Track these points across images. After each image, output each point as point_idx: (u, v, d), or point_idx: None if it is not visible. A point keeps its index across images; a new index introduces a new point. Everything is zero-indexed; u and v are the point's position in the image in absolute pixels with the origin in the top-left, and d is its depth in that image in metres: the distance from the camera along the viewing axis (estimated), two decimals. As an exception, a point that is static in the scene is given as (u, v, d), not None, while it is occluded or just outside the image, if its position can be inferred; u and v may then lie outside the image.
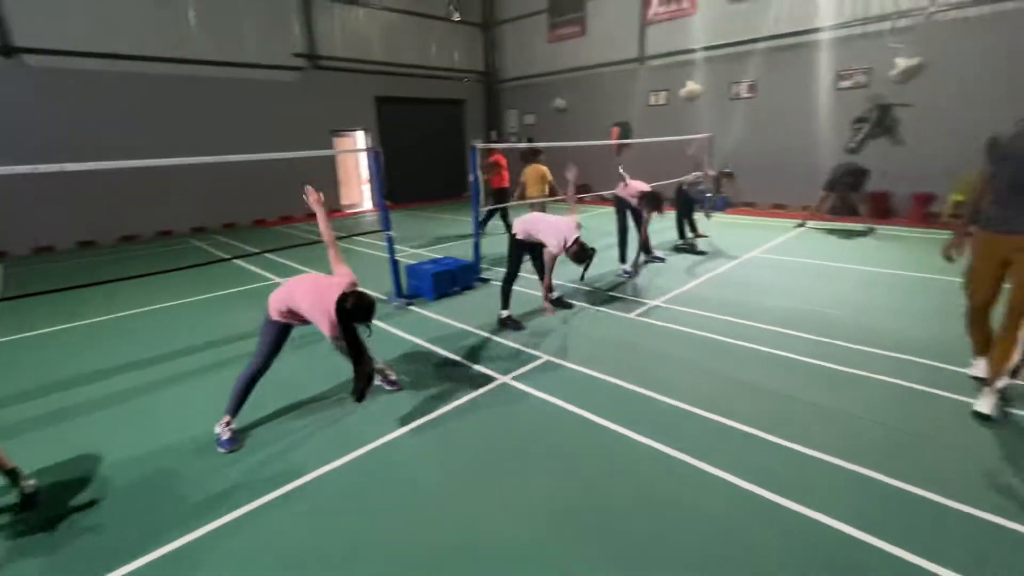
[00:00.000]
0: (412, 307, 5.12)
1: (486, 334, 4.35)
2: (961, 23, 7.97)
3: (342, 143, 12.83)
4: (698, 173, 7.22)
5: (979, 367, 3.15)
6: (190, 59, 9.98)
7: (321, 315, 2.75)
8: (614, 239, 6.32)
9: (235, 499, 2.42)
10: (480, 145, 5.82)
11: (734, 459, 2.56)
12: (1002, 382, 2.84)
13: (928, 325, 4.14)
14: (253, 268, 6.97)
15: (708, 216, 8.18)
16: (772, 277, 5.69)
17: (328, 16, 11.82)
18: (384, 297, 5.38)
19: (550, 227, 4.25)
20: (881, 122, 8.83)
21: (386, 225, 5.08)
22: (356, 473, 2.61)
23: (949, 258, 3.15)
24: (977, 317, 3.06)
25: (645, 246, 6.34)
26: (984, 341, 3.06)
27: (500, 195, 8.53)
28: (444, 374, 3.66)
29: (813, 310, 4.57)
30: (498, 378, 3.53)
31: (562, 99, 13.45)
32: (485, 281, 5.88)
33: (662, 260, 6.55)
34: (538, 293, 5.10)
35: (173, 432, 3.03)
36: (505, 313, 4.53)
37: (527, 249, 4.53)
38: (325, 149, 11.65)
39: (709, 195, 7.83)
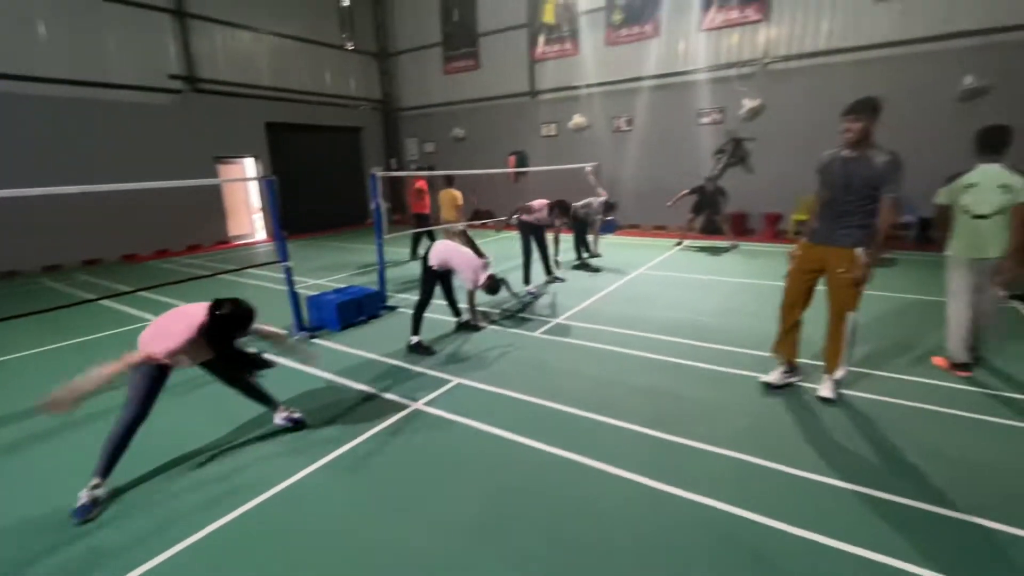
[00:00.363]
0: (316, 340, 4.92)
1: (396, 362, 4.31)
2: (789, 72, 9.50)
3: (228, 171, 12.01)
4: (591, 199, 7.76)
5: (773, 375, 3.57)
6: (41, 77, 8.83)
7: (185, 330, 2.59)
8: (518, 262, 6.58)
9: None
10: (380, 173, 5.80)
11: (634, 458, 2.79)
12: (839, 372, 3.39)
13: (773, 324, 4.81)
14: (125, 308, 6.24)
15: (596, 240, 8.66)
16: (657, 290, 6.27)
17: (207, 37, 11.12)
18: (283, 331, 5.10)
19: (464, 261, 4.45)
20: (735, 153, 10.17)
21: (283, 256, 4.86)
22: (257, 523, 2.45)
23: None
24: (785, 313, 3.52)
25: (546, 263, 6.70)
26: (786, 337, 3.52)
27: (421, 221, 8.61)
28: (354, 406, 3.56)
29: (691, 318, 5.12)
30: (410, 405, 3.52)
31: (460, 128, 13.79)
32: (392, 309, 5.81)
33: (562, 280, 6.92)
34: (448, 318, 5.16)
35: (30, 503, 2.63)
36: (415, 339, 4.52)
37: (440, 277, 4.61)
38: (208, 177, 10.83)
39: (606, 217, 8.43)
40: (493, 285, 4.54)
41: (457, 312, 5.06)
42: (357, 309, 5.35)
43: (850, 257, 3.14)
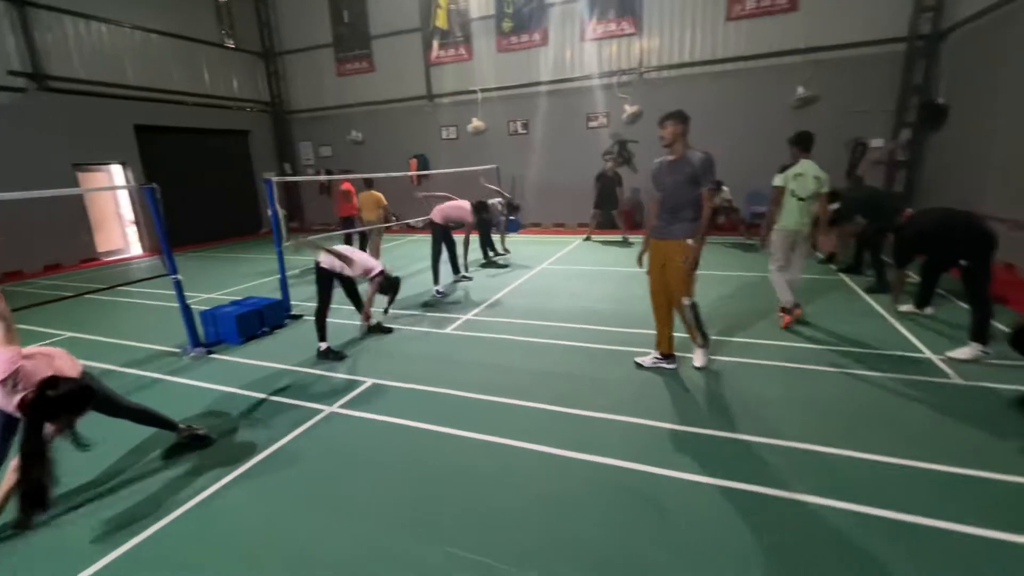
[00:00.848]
0: (214, 355, 4.65)
1: (307, 369, 4.22)
2: (662, 80, 10.50)
3: (91, 179, 10.68)
4: (493, 200, 8.03)
5: (646, 359, 3.99)
6: None
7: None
8: (426, 264, 6.66)
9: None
10: (276, 179, 5.58)
11: (542, 433, 3.06)
12: (700, 347, 3.93)
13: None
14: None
15: (504, 249, 8.93)
16: (559, 283, 6.69)
17: (56, 30, 9.79)
18: (177, 349, 4.77)
19: (357, 259, 4.42)
20: (621, 154, 11.06)
21: (172, 268, 4.54)
22: (165, 545, 2.36)
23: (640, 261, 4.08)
24: (653, 300, 3.97)
25: (453, 264, 6.87)
26: (662, 331, 3.95)
27: (347, 223, 8.42)
28: (264, 416, 3.47)
29: (589, 306, 5.56)
30: (324, 409, 3.50)
31: (358, 131, 13.44)
32: (297, 318, 5.63)
33: (470, 279, 7.11)
34: (355, 322, 5.12)
35: None
36: (324, 345, 4.46)
37: (335, 278, 4.55)
38: (66, 187, 9.55)
39: (508, 218, 8.76)
40: (386, 283, 4.57)
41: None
42: (259, 320, 5.12)
43: (684, 247, 3.64)
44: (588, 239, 10.03)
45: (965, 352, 3.79)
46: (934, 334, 4.26)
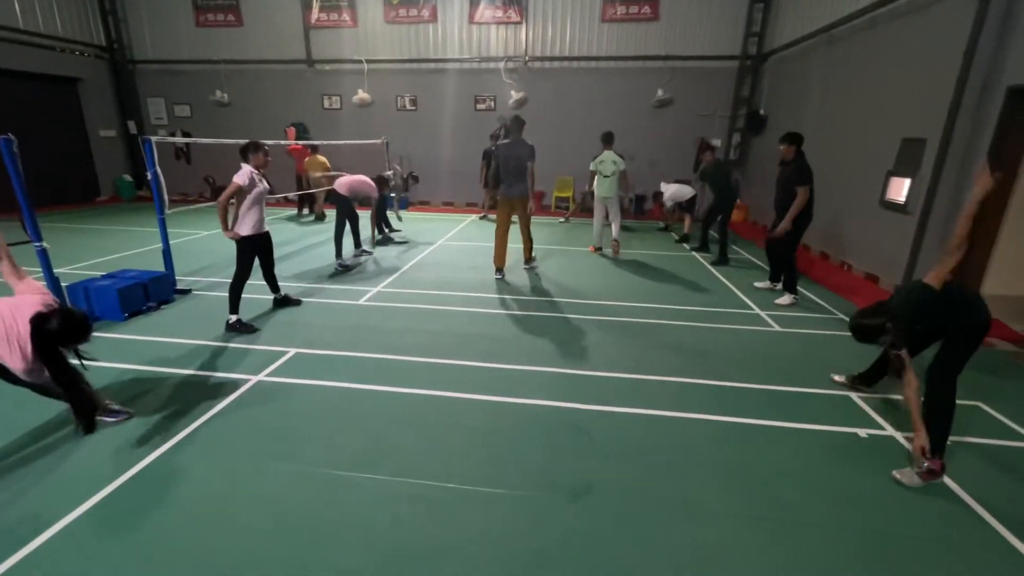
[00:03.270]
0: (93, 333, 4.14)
1: (217, 343, 4.01)
2: (545, 71, 11.15)
3: None
4: (389, 172, 7.98)
5: (498, 275, 6.00)
6: None
7: (8, 347, 2.27)
8: (323, 237, 6.47)
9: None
10: (155, 139, 4.99)
11: (477, 384, 3.41)
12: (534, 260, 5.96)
13: (548, 278, 6.05)
14: None
15: (399, 216, 8.99)
16: (460, 257, 6.99)
17: None
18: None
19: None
20: (507, 136, 11.54)
21: (35, 234, 3.91)
22: (94, 525, 2.28)
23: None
24: (498, 240, 5.95)
25: (356, 238, 6.77)
26: (500, 253, 5.98)
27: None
28: (184, 391, 3.30)
29: (491, 278, 5.97)
30: (251, 378, 3.44)
31: (223, 92, 12.03)
32: (185, 292, 5.17)
33: (370, 253, 7.06)
34: (264, 296, 4.91)
35: None
36: (234, 318, 4.25)
37: (259, 248, 4.36)
38: None
39: (401, 195, 8.74)
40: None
41: (275, 288, 4.85)
42: (144, 295, 4.64)
43: (525, 202, 5.89)
44: (484, 217, 10.39)
45: (785, 299, 5.17)
46: (760, 296, 5.47)
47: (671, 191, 8.51)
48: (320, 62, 11.69)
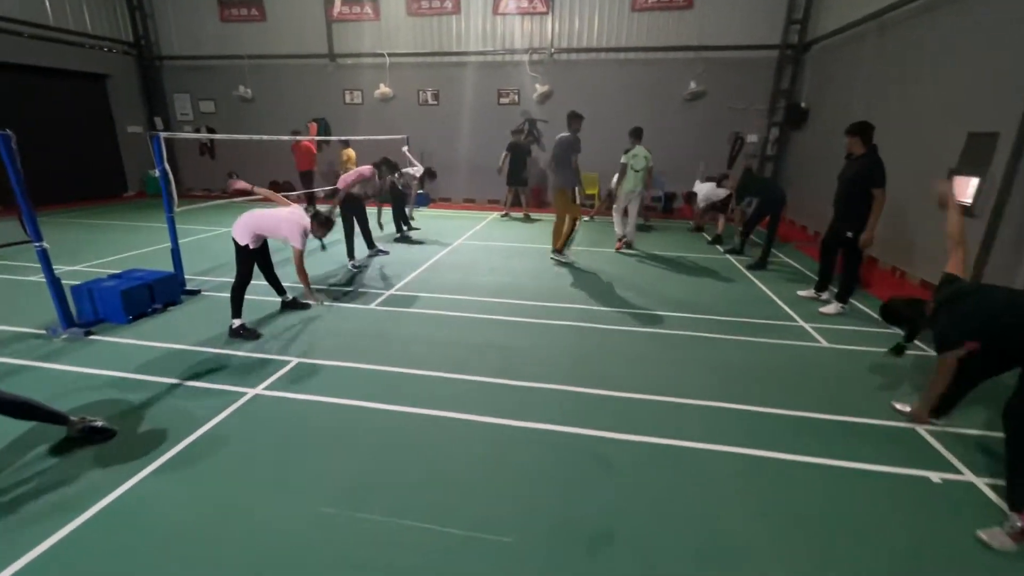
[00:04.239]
0: (94, 336, 4.01)
1: (218, 350, 3.81)
2: (571, 63, 10.72)
3: None
4: (407, 170, 7.73)
5: (562, 256, 6.58)
6: None
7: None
8: (335, 237, 6.26)
9: None
10: (165, 134, 4.83)
11: (488, 405, 3.10)
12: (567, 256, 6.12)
13: (574, 283, 5.69)
14: None
15: (411, 215, 8.63)
16: (479, 258, 6.69)
17: None
18: (42, 331, 4.04)
19: (279, 220, 4.06)
20: (531, 132, 11.19)
21: (35, 234, 3.77)
22: (79, 546, 2.06)
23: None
24: (561, 227, 6.50)
25: (367, 237, 6.55)
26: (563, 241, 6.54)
27: (306, 177, 9.98)
28: (178, 403, 3.09)
29: (511, 281, 5.65)
30: (248, 391, 3.21)
31: (247, 87, 12.00)
32: (194, 293, 5.02)
33: (386, 253, 6.83)
34: (270, 299, 4.71)
35: None
36: (237, 323, 4.05)
37: (256, 251, 4.15)
38: None
39: (418, 192, 8.49)
40: (325, 220, 4.40)
41: (281, 290, 4.65)
42: (149, 296, 4.49)
43: (567, 193, 6.50)
44: (507, 216, 10.07)
45: (832, 308, 4.75)
46: (799, 305, 5.00)
47: (704, 191, 8.02)
48: (342, 56, 11.54)
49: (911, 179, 5.77)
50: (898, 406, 3.09)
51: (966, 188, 5.02)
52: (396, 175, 7.69)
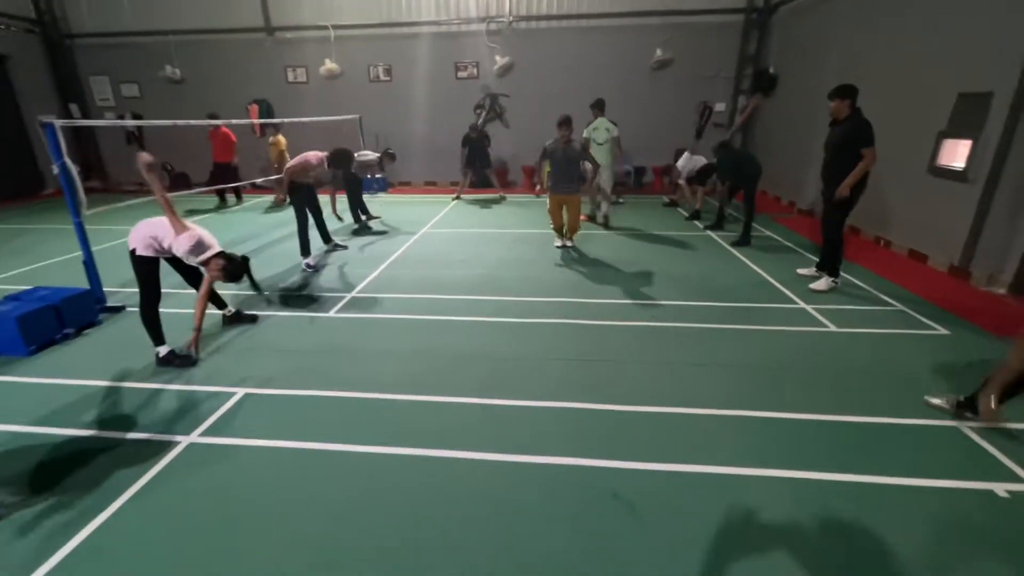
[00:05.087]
0: (-13, 376, 3.24)
1: (143, 384, 3.13)
2: (531, 32, 10.00)
3: None
4: (364, 153, 6.97)
5: (561, 241, 6.07)
6: None
7: None
8: (287, 231, 5.52)
9: None
10: (59, 123, 3.98)
11: (471, 435, 2.59)
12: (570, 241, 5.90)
13: (556, 270, 5.20)
14: None
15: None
16: (448, 248, 6.09)
17: None
18: (-83, 373, 3.24)
19: (172, 234, 3.24)
20: (492, 108, 10.48)
21: None
22: None
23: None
24: (557, 223, 5.90)
25: (323, 231, 5.83)
26: (560, 228, 5.96)
27: (223, 170, 8.97)
28: (84, 466, 2.43)
29: (486, 273, 5.10)
30: (178, 441, 2.58)
31: (174, 67, 10.71)
32: (116, 311, 4.24)
33: (345, 247, 6.13)
34: (210, 312, 3.99)
35: None
36: (163, 350, 3.35)
37: (160, 263, 3.38)
38: None
39: (378, 176, 7.75)
40: (231, 269, 3.23)
41: (220, 303, 3.95)
42: (56, 320, 3.71)
43: (578, 199, 5.78)
44: (458, 199, 9.42)
45: (822, 284, 4.47)
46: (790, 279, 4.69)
47: (680, 161, 7.63)
48: (280, 29, 10.40)
49: (895, 144, 5.50)
50: (934, 401, 2.76)
51: (958, 152, 4.76)
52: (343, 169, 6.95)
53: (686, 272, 5.08)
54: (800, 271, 4.93)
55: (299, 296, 4.59)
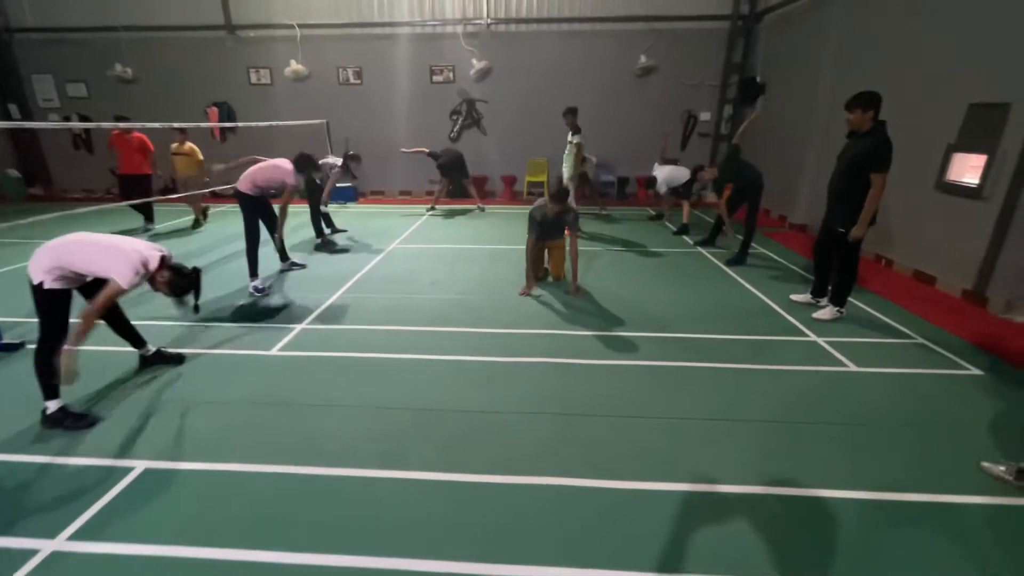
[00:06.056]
0: None
1: (18, 456, 2.44)
2: (511, 35, 9.48)
3: None
4: (327, 159, 6.32)
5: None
6: None
7: None
8: (234, 248, 4.84)
9: None
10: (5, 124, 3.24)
11: (426, 536, 1.99)
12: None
13: (538, 296, 4.64)
14: None
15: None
16: (418, 267, 5.47)
17: None
18: None
19: (108, 252, 2.60)
20: (470, 114, 9.93)
21: None
22: None
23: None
24: (534, 270, 4.76)
25: (279, 248, 5.15)
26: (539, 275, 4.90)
27: (132, 182, 7.17)
28: None
29: (461, 299, 4.51)
30: (39, 547, 1.91)
31: (125, 66, 9.85)
32: (14, 349, 3.51)
33: (303, 266, 5.46)
34: (114, 348, 3.30)
35: None
36: (54, 405, 2.66)
37: (66, 295, 2.71)
38: None
39: (347, 185, 7.09)
40: (178, 281, 2.69)
41: (138, 341, 3.27)
42: (-76, 366, 2.97)
43: (563, 242, 4.84)
44: (432, 209, 8.81)
45: (827, 313, 4.03)
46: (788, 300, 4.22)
47: (664, 174, 7.16)
48: (243, 28, 9.66)
49: (898, 158, 5.10)
50: (995, 470, 2.27)
51: (972, 168, 4.38)
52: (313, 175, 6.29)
53: (683, 297, 4.58)
54: (794, 297, 4.46)
55: (239, 328, 3.91)
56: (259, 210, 4.79)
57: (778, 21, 8.13)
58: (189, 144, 7.31)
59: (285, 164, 4.70)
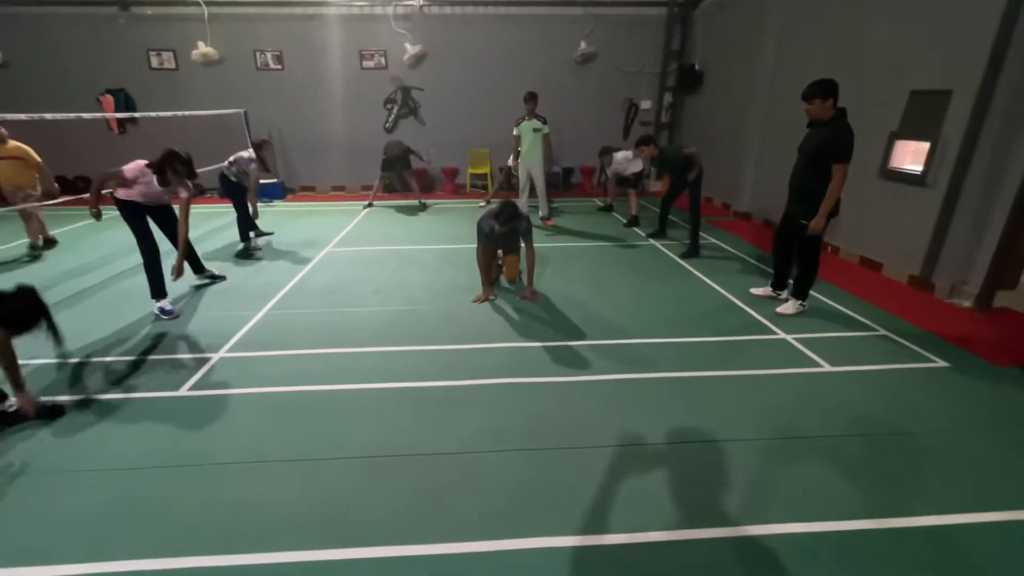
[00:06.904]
0: None
1: None
2: (445, 18, 8.84)
3: None
4: (240, 153, 5.53)
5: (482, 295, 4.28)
6: None
7: None
8: (128, 263, 4.05)
9: None
10: None
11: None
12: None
13: (493, 301, 4.23)
14: None
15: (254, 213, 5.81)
16: (356, 275, 4.87)
17: None
18: None
19: None
20: (405, 103, 9.24)
21: None
22: None
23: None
24: (486, 275, 4.27)
25: (192, 260, 4.39)
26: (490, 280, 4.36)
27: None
28: None
29: (410, 310, 4.00)
30: None
31: (-8, 47, 8.32)
32: None
33: (223, 278, 4.71)
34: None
35: None
36: None
37: None
38: None
39: (272, 182, 6.29)
40: (15, 317, 2.30)
41: (12, 388, 2.54)
42: None
43: (516, 259, 4.48)
44: (371, 205, 8.15)
45: (790, 308, 3.89)
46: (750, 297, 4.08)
47: (617, 159, 6.95)
48: (138, 4, 8.39)
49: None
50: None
51: (915, 155, 4.40)
52: (227, 163, 5.49)
53: (644, 296, 4.32)
54: (754, 291, 4.31)
55: (140, 362, 3.21)
56: (153, 215, 3.99)
57: (714, 8, 8.06)
58: (14, 143, 5.29)
59: (130, 164, 3.80)
